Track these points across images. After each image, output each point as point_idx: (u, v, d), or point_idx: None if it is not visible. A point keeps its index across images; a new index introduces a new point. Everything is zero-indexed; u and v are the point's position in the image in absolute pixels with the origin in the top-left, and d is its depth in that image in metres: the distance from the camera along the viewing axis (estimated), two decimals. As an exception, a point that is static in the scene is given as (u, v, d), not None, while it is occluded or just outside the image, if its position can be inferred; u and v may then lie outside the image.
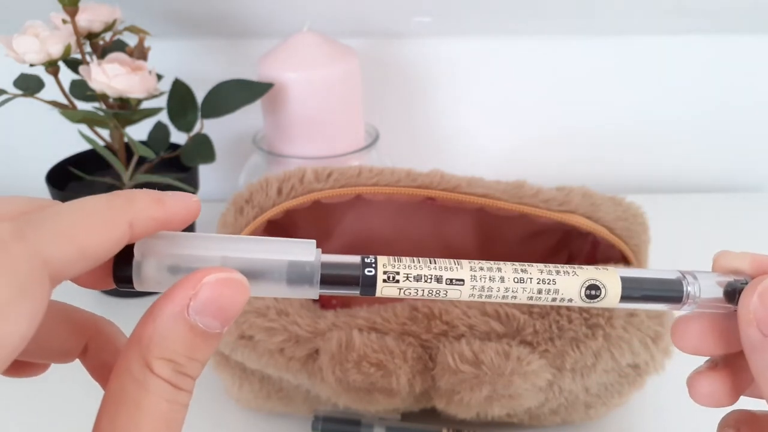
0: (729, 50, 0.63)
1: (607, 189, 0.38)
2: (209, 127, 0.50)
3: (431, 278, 0.18)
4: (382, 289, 0.18)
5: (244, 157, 0.58)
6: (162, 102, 0.48)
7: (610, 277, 0.19)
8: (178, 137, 0.52)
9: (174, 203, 0.18)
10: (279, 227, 0.39)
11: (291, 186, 0.35)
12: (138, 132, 0.49)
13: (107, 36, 0.47)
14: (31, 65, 0.43)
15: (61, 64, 0.44)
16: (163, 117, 0.49)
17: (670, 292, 0.19)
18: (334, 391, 0.33)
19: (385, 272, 0.18)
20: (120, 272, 0.18)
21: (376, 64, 0.63)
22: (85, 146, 0.48)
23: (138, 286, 0.18)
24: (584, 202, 0.36)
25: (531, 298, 0.19)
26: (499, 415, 0.33)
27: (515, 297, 0.18)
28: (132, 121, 0.46)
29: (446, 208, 0.39)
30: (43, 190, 0.48)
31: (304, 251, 0.18)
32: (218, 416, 0.39)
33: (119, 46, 0.47)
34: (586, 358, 0.32)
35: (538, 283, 0.18)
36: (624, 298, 0.19)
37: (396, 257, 0.19)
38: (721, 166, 0.70)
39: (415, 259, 0.19)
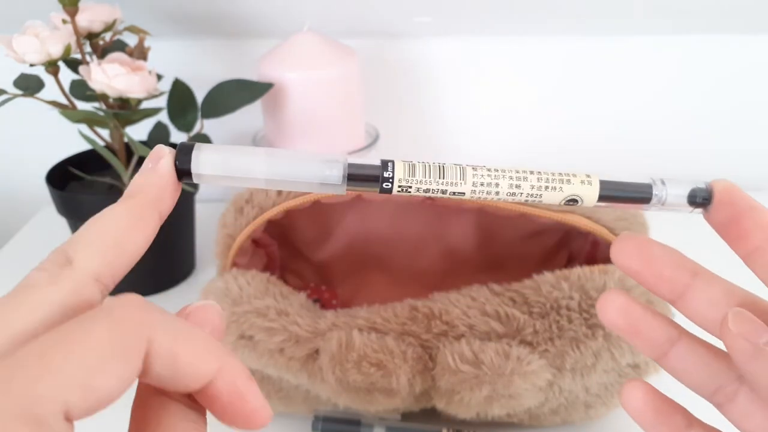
0: (729, 50, 0.63)
1: (607, 189, 0.38)
2: (209, 127, 0.50)
3: (437, 191, 0.20)
4: (397, 192, 0.21)
5: (244, 157, 0.58)
6: (162, 102, 0.48)
7: (590, 190, 0.21)
8: (178, 137, 0.52)
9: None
10: (279, 227, 0.39)
11: (291, 186, 0.35)
12: (138, 132, 0.49)
13: (107, 36, 0.46)
14: (31, 65, 0.43)
15: (61, 64, 0.44)
16: (163, 117, 0.49)
17: (641, 193, 0.22)
18: (334, 391, 0.33)
19: (399, 186, 0.20)
20: (181, 165, 0.19)
21: (376, 64, 0.63)
22: (85, 146, 0.48)
23: (196, 171, 0.19)
24: (584, 202, 0.36)
25: (516, 201, 0.21)
26: (499, 415, 0.33)
27: (504, 200, 0.21)
28: (132, 121, 0.46)
29: (446, 208, 0.39)
30: (43, 190, 0.48)
31: (336, 155, 0.20)
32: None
33: (119, 46, 0.47)
34: (586, 358, 0.32)
35: (527, 196, 0.21)
36: (601, 198, 0.21)
37: (411, 167, 0.20)
38: (721, 166, 0.70)
39: (426, 170, 0.20)
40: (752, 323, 0.19)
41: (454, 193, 0.20)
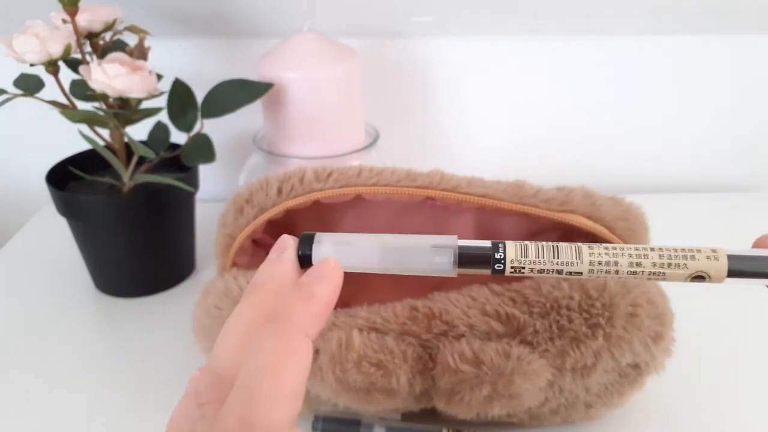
0: (729, 50, 0.63)
1: (607, 189, 0.38)
2: (209, 127, 0.50)
3: (552, 271, 0.20)
4: (510, 274, 0.21)
5: (244, 157, 0.58)
6: (162, 102, 0.48)
7: (717, 266, 0.20)
8: (178, 137, 0.52)
9: (322, 289, 0.20)
10: (279, 227, 0.39)
11: (291, 186, 0.35)
12: (138, 132, 0.49)
13: (107, 36, 0.46)
14: (31, 65, 0.43)
15: (61, 64, 0.44)
16: (163, 117, 0.49)
17: None
18: (334, 391, 0.33)
19: (512, 267, 0.20)
20: (302, 252, 0.21)
21: (376, 64, 0.63)
22: (85, 146, 0.48)
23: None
24: (585, 202, 0.36)
25: (637, 278, 0.20)
26: (499, 415, 0.33)
27: (625, 279, 0.20)
28: (132, 121, 0.46)
29: (446, 208, 0.39)
30: (43, 190, 0.48)
31: (446, 239, 0.21)
32: (218, 416, 0.39)
33: (119, 46, 0.47)
34: (587, 357, 0.32)
35: (648, 275, 0.20)
36: (730, 274, 0.20)
37: (523, 248, 0.20)
38: (721, 166, 0.70)
39: (540, 250, 0.20)
40: None
41: (570, 273, 0.20)
